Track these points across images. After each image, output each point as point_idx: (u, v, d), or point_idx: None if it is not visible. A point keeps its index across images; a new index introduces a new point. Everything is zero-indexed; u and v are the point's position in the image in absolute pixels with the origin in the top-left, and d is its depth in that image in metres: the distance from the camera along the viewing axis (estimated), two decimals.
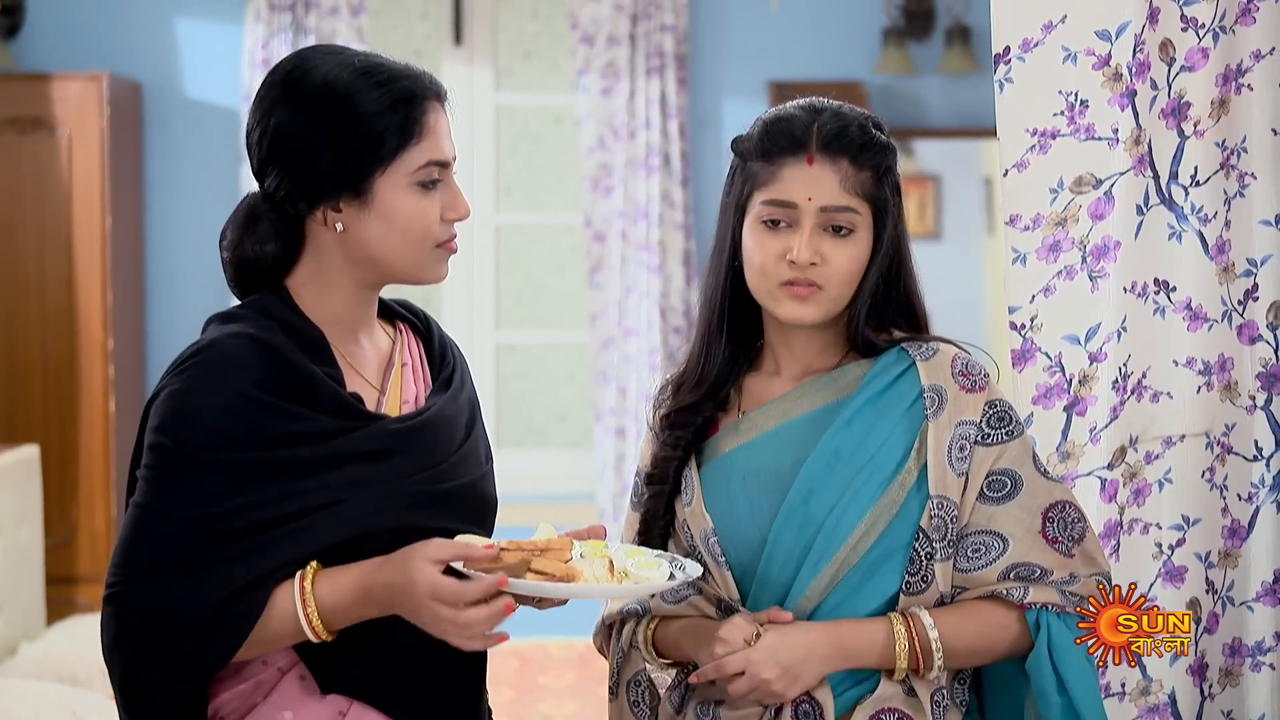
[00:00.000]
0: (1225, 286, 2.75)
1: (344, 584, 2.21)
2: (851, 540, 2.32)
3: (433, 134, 2.30)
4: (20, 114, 6.41)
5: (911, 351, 2.39)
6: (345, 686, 2.29)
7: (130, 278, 6.69)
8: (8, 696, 4.57)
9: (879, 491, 2.33)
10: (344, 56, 2.32)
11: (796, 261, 2.33)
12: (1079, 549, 2.35)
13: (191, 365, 2.24)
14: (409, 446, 2.32)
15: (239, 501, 2.20)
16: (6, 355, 6.43)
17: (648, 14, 6.86)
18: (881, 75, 6.88)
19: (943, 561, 2.32)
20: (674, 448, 2.47)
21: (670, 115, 6.87)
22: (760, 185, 2.38)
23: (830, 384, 2.42)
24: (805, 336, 2.43)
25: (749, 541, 2.38)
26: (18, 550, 5.19)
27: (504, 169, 7.32)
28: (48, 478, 5.78)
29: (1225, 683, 2.79)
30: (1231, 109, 2.73)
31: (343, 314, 2.36)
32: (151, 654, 2.20)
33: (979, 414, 2.35)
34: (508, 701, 6.11)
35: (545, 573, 2.17)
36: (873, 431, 2.35)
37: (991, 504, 2.34)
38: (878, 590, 2.33)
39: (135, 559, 2.20)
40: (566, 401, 7.46)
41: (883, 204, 2.37)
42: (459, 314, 7.20)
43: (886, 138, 2.40)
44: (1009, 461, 2.35)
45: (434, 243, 2.32)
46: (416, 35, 7.34)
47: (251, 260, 2.35)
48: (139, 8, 6.87)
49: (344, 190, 2.27)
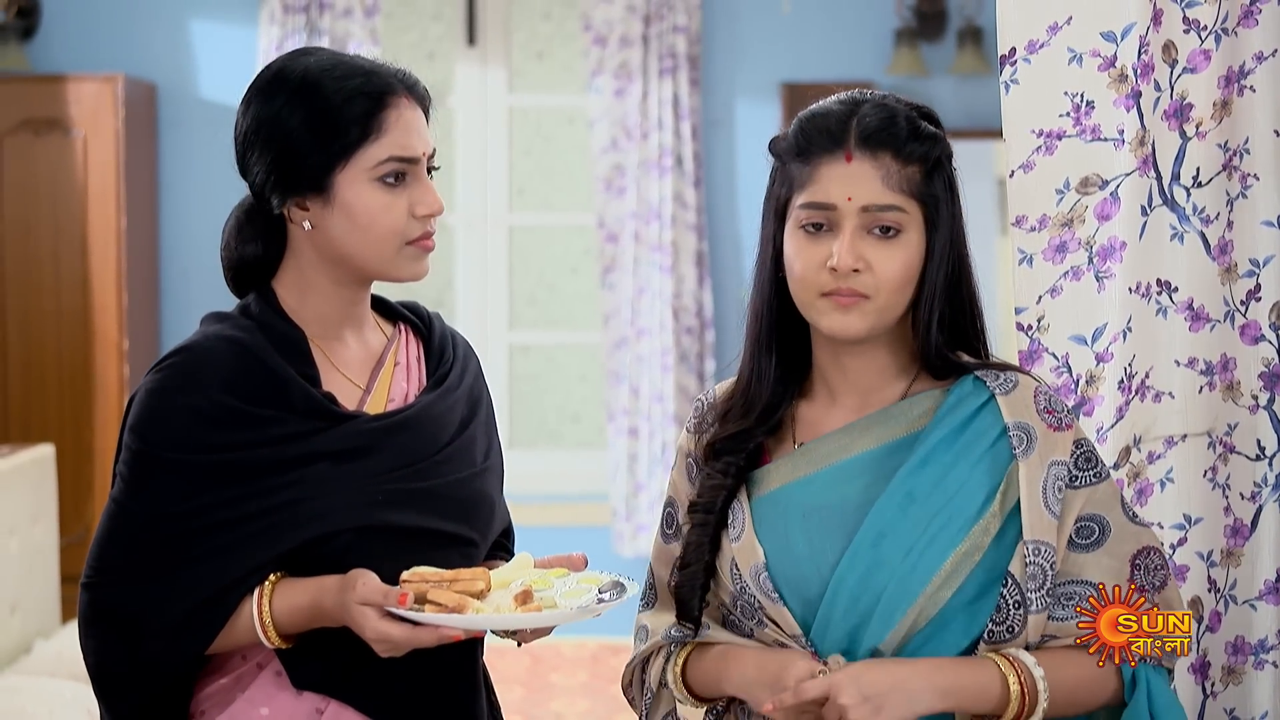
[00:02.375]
0: (1228, 287, 2.76)
1: (298, 603, 2.25)
2: (930, 589, 2.14)
3: (395, 130, 2.30)
4: (36, 115, 6.45)
5: (989, 383, 2.21)
6: (318, 683, 2.31)
7: (145, 278, 6.72)
8: (23, 694, 4.59)
9: (959, 537, 2.15)
10: (318, 55, 2.34)
11: (837, 268, 2.14)
12: (1160, 597, 2.22)
13: (167, 366, 2.29)
14: (385, 445, 2.33)
15: (203, 500, 2.24)
16: (22, 355, 6.47)
17: (660, 15, 6.88)
18: (893, 76, 6.89)
19: (1037, 612, 2.15)
20: (724, 475, 2.26)
21: (683, 116, 6.90)
22: (798, 188, 2.20)
23: (899, 416, 2.23)
24: (860, 357, 2.24)
25: (807, 582, 2.19)
26: (33, 549, 5.22)
27: (517, 170, 7.34)
28: (63, 477, 5.81)
29: (1228, 681, 2.79)
30: (1234, 110, 2.73)
31: (325, 313, 2.38)
32: (119, 651, 2.26)
33: (1068, 454, 2.20)
34: (519, 700, 6.13)
35: (439, 604, 2.16)
36: (951, 472, 2.17)
37: (1081, 551, 2.20)
38: (953, 641, 2.16)
39: (108, 555, 2.27)
40: (579, 401, 7.48)
41: (934, 202, 2.19)
42: (472, 314, 7.22)
43: (937, 129, 2.24)
44: (1097, 506, 2.21)
45: (403, 239, 2.32)
46: (430, 36, 7.36)
47: (239, 261, 2.39)
48: (154, 10, 6.91)
49: (307, 187, 2.29)
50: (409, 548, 2.29)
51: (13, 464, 5.18)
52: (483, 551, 2.46)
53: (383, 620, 2.16)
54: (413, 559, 2.26)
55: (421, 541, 2.33)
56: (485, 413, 2.51)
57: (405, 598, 2.15)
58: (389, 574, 2.21)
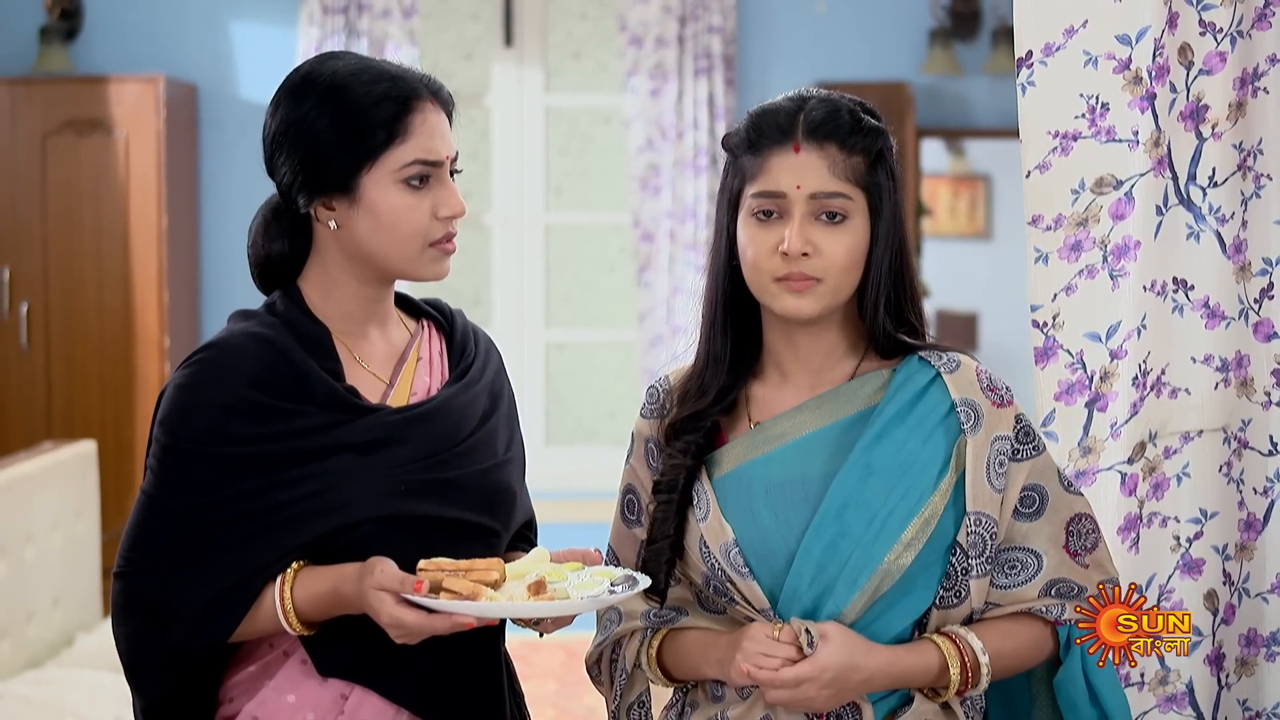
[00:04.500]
0: (1242, 285, 2.80)
1: (318, 589, 2.31)
2: (892, 555, 2.26)
3: (420, 133, 2.36)
4: (79, 116, 6.53)
5: (934, 362, 2.34)
6: (342, 670, 2.37)
7: (186, 276, 6.80)
8: (64, 686, 4.66)
9: (917, 506, 2.28)
10: (346, 59, 2.40)
11: (788, 252, 2.26)
12: (1091, 558, 2.35)
13: (196, 362, 2.36)
14: (407, 436, 2.38)
15: (230, 491, 2.30)
16: (65, 352, 6.55)
17: (696, 16, 6.93)
18: (928, 75, 6.92)
19: (979, 578, 2.29)
20: (684, 455, 2.37)
21: (718, 116, 6.94)
22: (750, 178, 2.31)
23: (850, 395, 2.35)
24: (810, 338, 2.36)
25: (774, 555, 2.31)
26: (75, 543, 5.29)
27: (553, 169, 7.39)
28: (104, 472, 5.87)
29: (1241, 672, 2.83)
30: (1248, 112, 2.77)
31: (350, 310, 2.43)
32: (149, 637, 2.33)
33: (1011, 429, 2.33)
34: (553, 694, 6.18)
35: (453, 591, 2.21)
36: (906, 445, 2.29)
37: (1025, 520, 2.33)
38: (912, 606, 2.30)
39: (139, 545, 2.34)
40: (615, 399, 7.53)
41: (877, 190, 2.31)
42: (509, 312, 7.28)
43: (879, 122, 2.33)
44: (1037, 477, 2.34)
45: (426, 240, 2.38)
46: (467, 37, 7.42)
47: (265, 259, 2.45)
48: (195, 11, 6.98)
49: (333, 188, 2.35)
50: (431, 537, 2.35)
51: (55, 460, 5.25)
52: (505, 541, 2.51)
53: (398, 606, 2.22)
54: (435, 548, 2.31)
55: (444, 531, 2.38)
56: (507, 406, 2.57)
57: (420, 584, 2.21)
58: (411, 563, 2.27)
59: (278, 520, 2.32)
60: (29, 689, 4.59)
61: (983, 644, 2.28)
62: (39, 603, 5.04)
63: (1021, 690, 2.45)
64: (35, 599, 5.02)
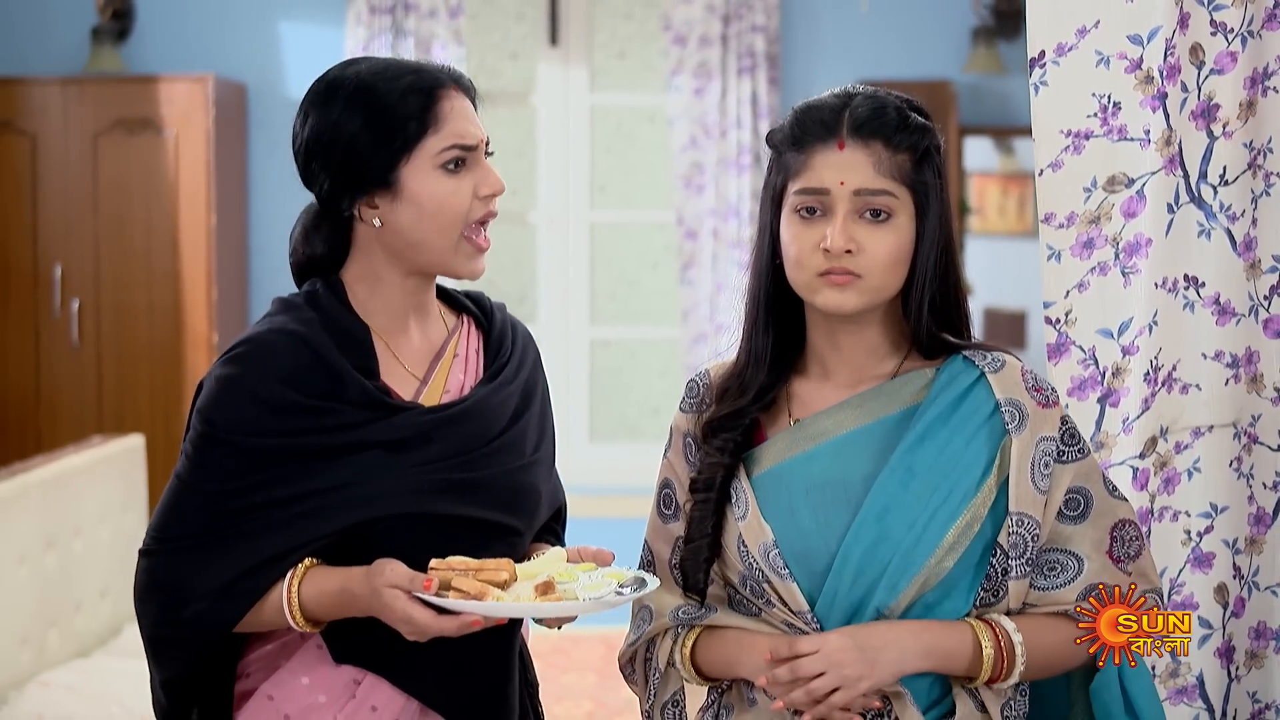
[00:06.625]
0: (1252, 282, 2.82)
1: (326, 588, 2.36)
2: (934, 559, 2.24)
3: (451, 119, 2.41)
4: (129, 115, 6.62)
5: (978, 362, 2.31)
6: (356, 656, 2.43)
7: (234, 274, 6.88)
8: (111, 676, 4.74)
9: (960, 509, 2.25)
10: (365, 62, 2.46)
11: (830, 249, 2.23)
12: (1134, 565, 2.33)
13: (235, 355, 2.42)
14: (437, 435, 2.43)
15: (258, 479, 2.36)
16: (115, 348, 6.64)
17: (739, 15, 6.96)
18: (970, 74, 6.94)
19: (1018, 579, 2.27)
20: (722, 453, 2.35)
21: (761, 114, 6.97)
22: (793, 175, 2.29)
23: (893, 393, 2.32)
24: (853, 336, 2.33)
25: (814, 556, 2.28)
26: (124, 535, 5.37)
27: (598, 167, 7.44)
28: (152, 466, 5.95)
29: (1251, 665, 2.85)
30: (1259, 111, 2.79)
31: (394, 305, 2.48)
32: (168, 613, 2.39)
33: (1056, 430, 2.30)
34: (592, 686, 6.23)
35: (462, 591, 2.25)
36: (948, 447, 2.27)
37: (1069, 523, 2.30)
38: (952, 608, 2.27)
39: (166, 525, 2.40)
40: (659, 396, 7.57)
41: (924, 189, 2.28)
42: (554, 309, 7.33)
43: (927, 120, 2.30)
44: (1083, 479, 2.31)
45: (468, 220, 2.42)
46: (513, 36, 7.47)
47: (308, 262, 2.51)
48: (244, 12, 7.06)
49: (374, 185, 2.41)
50: (452, 536, 2.40)
51: (104, 453, 5.34)
52: (527, 539, 2.55)
53: (410, 603, 2.27)
54: (456, 546, 2.36)
55: (465, 530, 2.43)
56: (539, 404, 2.60)
57: (430, 583, 2.26)
58: (430, 560, 2.32)
59: (302, 510, 2.37)
60: (76, 678, 4.68)
61: (1016, 626, 2.26)
62: (87, 593, 5.13)
63: (1060, 696, 2.43)
64: (83, 590, 5.11)
